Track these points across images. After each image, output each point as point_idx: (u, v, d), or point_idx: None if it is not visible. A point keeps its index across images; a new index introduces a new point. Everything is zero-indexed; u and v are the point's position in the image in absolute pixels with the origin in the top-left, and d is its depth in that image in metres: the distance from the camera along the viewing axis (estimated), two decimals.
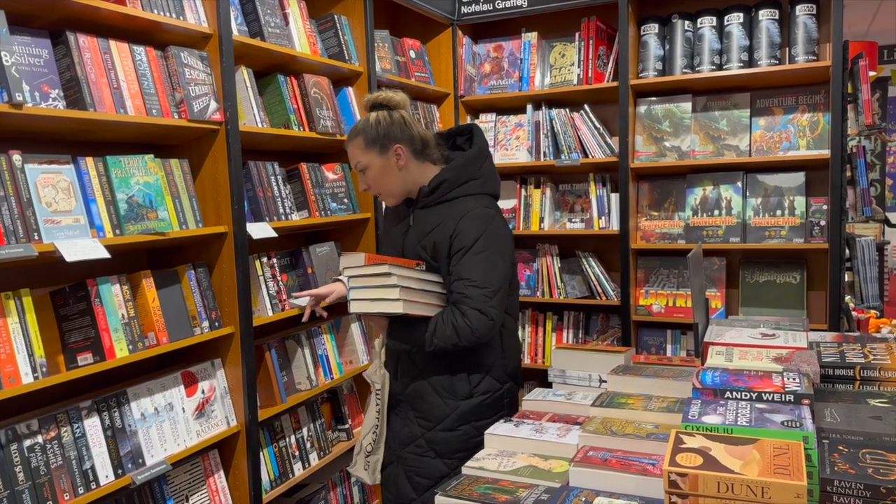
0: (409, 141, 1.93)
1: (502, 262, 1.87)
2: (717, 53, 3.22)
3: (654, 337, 3.43)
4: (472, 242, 1.84)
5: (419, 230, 1.94)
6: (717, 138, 3.29)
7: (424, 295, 1.85)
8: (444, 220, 1.89)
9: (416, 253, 1.92)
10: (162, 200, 2.09)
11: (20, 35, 1.81)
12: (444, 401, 1.92)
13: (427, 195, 1.94)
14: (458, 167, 1.94)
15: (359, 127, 1.95)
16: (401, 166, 1.93)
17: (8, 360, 1.71)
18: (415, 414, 1.97)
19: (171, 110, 2.14)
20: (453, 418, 1.92)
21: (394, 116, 1.94)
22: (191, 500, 2.26)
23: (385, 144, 1.92)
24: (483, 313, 1.81)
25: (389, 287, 1.77)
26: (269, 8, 2.56)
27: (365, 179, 1.97)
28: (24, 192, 1.76)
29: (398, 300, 1.77)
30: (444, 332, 1.82)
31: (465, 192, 1.92)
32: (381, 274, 1.78)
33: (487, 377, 1.94)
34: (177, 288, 2.17)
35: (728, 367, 1.41)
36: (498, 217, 1.93)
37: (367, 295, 1.81)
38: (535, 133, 3.59)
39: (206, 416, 2.25)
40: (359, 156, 1.95)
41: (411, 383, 1.97)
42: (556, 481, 1.32)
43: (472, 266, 1.83)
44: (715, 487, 0.99)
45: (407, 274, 1.81)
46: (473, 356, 1.92)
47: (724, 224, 3.26)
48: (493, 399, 1.95)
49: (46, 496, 1.79)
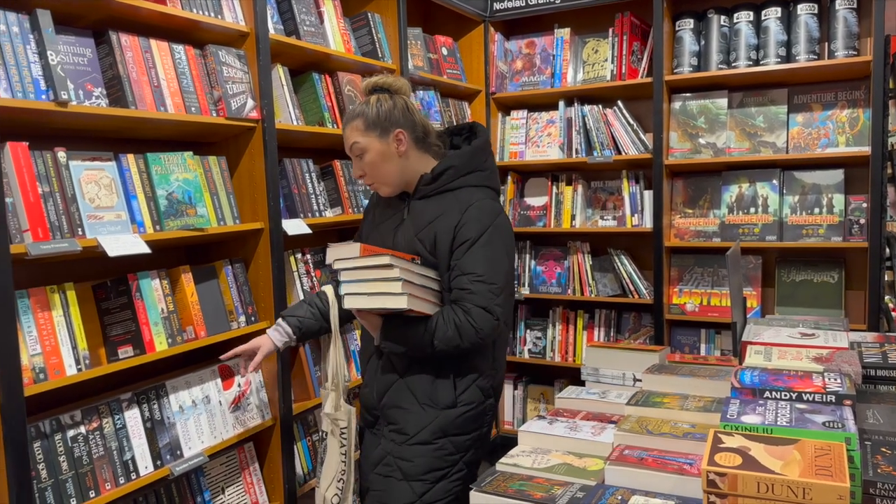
0: (412, 127, 1.79)
1: (508, 261, 1.75)
2: (754, 48, 3.17)
3: (687, 336, 3.39)
4: (478, 234, 1.69)
5: (416, 222, 1.78)
6: (753, 135, 3.24)
7: (424, 291, 1.70)
8: (447, 209, 1.74)
9: (412, 247, 1.75)
10: (200, 197, 2.13)
11: (65, 35, 1.85)
12: (423, 408, 1.75)
13: (429, 182, 1.79)
14: (465, 154, 1.81)
15: (358, 109, 1.80)
16: (401, 153, 1.78)
17: (53, 353, 1.75)
18: (389, 428, 1.80)
19: (209, 108, 2.17)
20: (431, 430, 1.74)
21: (396, 101, 1.79)
22: (226, 492, 2.30)
23: (386, 128, 1.76)
24: (489, 311, 1.67)
25: (391, 280, 1.61)
26: (305, 6, 2.59)
27: (361, 165, 1.81)
28: (68, 188, 1.80)
29: (402, 294, 1.60)
30: (444, 332, 1.66)
31: (469, 183, 1.79)
32: (382, 266, 1.62)
33: (474, 386, 1.77)
34: (214, 283, 2.20)
35: (767, 366, 1.40)
36: (503, 213, 1.80)
37: (364, 289, 1.64)
38: (567, 130, 3.57)
39: (241, 410, 2.29)
40: (357, 137, 1.78)
41: (388, 389, 1.80)
42: (591, 479, 1.32)
43: (477, 260, 1.69)
44: (755, 487, 0.99)
45: (408, 266, 1.65)
46: (463, 360, 1.76)
47: (760, 222, 3.21)
48: (475, 413, 1.78)
49: (89, 485, 1.83)
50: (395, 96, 1.80)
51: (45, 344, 1.74)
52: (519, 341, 3.79)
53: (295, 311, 2.02)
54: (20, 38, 1.72)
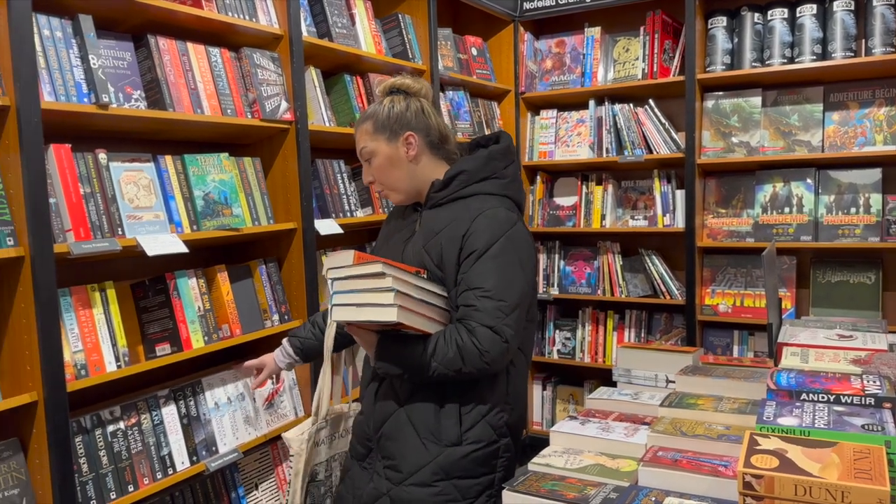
0: (425, 131, 1.65)
1: (522, 276, 1.53)
2: (789, 46, 3.13)
3: (720, 337, 3.36)
4: (487, 245, 1.51)
5: (425, 233, 1.60)
6: (787, 133, 3.20)
7: (424, 307, 1.50)
8: (457, 218, 1.56)
9: (420, 260, 1.57)
10: (236, 197, 2.16)
11: (105, 39, 1.90)
12: (423, 444, 1.53)
13: (439, 189, 1.62)
14: (479, 159, 1.63)
15: (369, 111, 1.67)
16: (410, 157, 1.63)
17: (94, 350, 1.80)
18: (384, 463, 1.58)
19: (244, 110, 2.21)
20: (431, 469, 1.52)
21: (410, 103, 1.66)
22: (260, 488, 2.33)
23: (395, 131, 1.63)
24: (496, 332, 1.46)
25: (382, 291, 1.43)
26: (337, 9, 2.61)
27: (370, 170, 1.67)
28: (109, 188, 1.84)
29: (392, 306, 1.42)
30: (445, 353, 1.46)
31: (484, 190, 1.61)
32: (373, 274, 1.44)
33: (483, 422, 1.54)
34: (249, 282, 2.24)
35: (804, 368, 1.38)
36: (521, 224, 1.60)
37: (353, 300, 1.47)
38: (598, 129, 3.55)
39: (275, 407, 2.32)
40: (365, 141, 1.65)
41: (387, 419, 1.58)
42: (624, 480, 1.32)
43: (484, 273, 1.49)
44: (792, 490, 0.98)
45: (404, 277, 1.47)
46: (471, 391, 1.54)
47: (794, 222, 3.16)
48: (485, 454, 1.54)
49: (128, 480, 1.88)
50: (410, 98, 1.67)
51: (86, 341, 1.79)
52: (548, 342, 3.78)
53: (298, 332, 1.93)
54: (63, 43, 1.77)
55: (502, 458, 1.57)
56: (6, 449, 1.68)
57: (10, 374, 1.70)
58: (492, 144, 1.69)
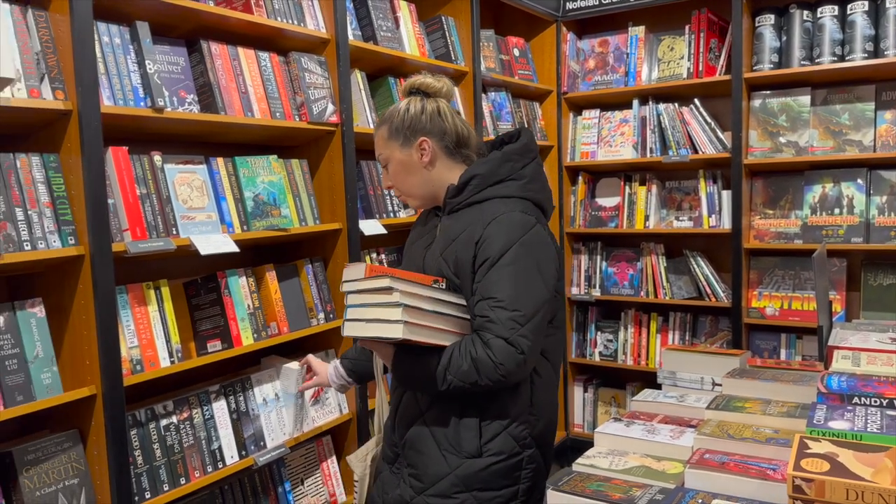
0: (440, 135, 1.59)
1: (540, 283, 1.46)
2: (839, 44, 3.06)
3: (766, 341, 3.30)
4: (500, 252, 1.45)
5: (443, 240, 1.56)
6: (838, 133, 3.13)
7: (439, 319, 1.46)
8: (472, 224, 1.51)
9: (438, 268, 1.53)
10: (284, 198, 2.21)
11: (160, 45, 1.96)
12: (443, 455, 1.50)
13: (454, 195, 1.57)
14: (492, 161, 1.56)
15: (386, 114, 1.63)
16: (425, 163, 1.58)
17: (149, 346, 1.86)
18: (409, 471, 1.56)
19: (292, 113, 2.26)
20: (451, 481, 1.48)
21: (427, 106, 1.59)
22: (305, 483, 2.38)
23: (408, 136, 1.58)
24: (511, 344, 1.40)
25: (390, 306, 1.39)
26: (382, 12, 2.65)
27: (387, 176, 1.64)
28: (163, 189, 1.91)
29: (398, 322, 1.38)
30: (460, 365, 1.42)
31: (499, 194, 1.54)
32: (382, 289, 1.40)
33: (504, 434, 1.49)
34: (296, 281, 2.29)
35: (855, 371, 1.36)
36: (540, 227, 1.52)
37: (364, 315, 1.43)
38: (642, 129, 3.52)
39: (320, 404, 2.37)
40: (380, 147, 1.62)
41: (410, 428, 1.56)
42: (669, 482, 1.32)
43: (498, 282, 1.43)
44: (843, 494, 0.97)
45: (415, 290, 1.42)
46: (492, 402, 1.49)
47: (845, 223, 3.10)
48: (507, 466, 1.49)
49: (180, 472, 1.94)
50: (427, 100, 1.61)
51: (141, 337, 1.85)
52: (589, 343, 3.77)
53: (348, 353, 1.90)
54: (122, 49, 1.83)
55: (526, 470, 1.52)
56: (67, 440, 1.75)
57: (71, 368, 1.77)
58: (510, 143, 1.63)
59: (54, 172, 1.69)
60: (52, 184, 1.68)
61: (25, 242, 1.62)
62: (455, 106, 1.68)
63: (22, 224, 1.62)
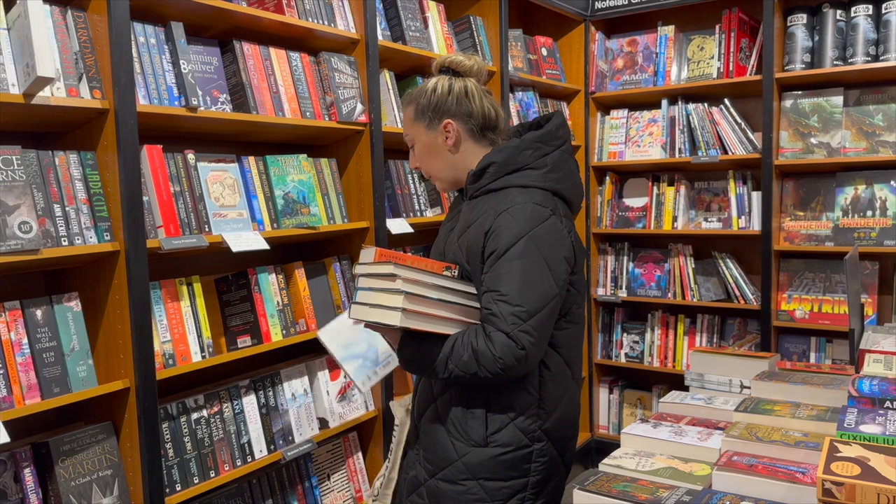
0: (466, 117, 1.55)
1: (549, 277, 1.43)
2: (873, 44, 3.02)
3: (796, 344, 3.26)
4: (507, 245, 1.42)
5: (461, 226, 1.55)
6: (871, 134, 3.08)
7: (445, 307, 1.44)
8: (485, 213, 1.48)
9: (454, 253, 1.53)
10: (313, 197, 2.24)
11: (194, 45, 2.00)
12: (452, 442, 1.50)
13: (472, 181, 1.54)
14: (511, 148, 1.51)
15: (414, 93, 1.60)
16: (449, 146, 1.56)
17: (181, 340, 1.90)
18: (424, 454, 1.57)
19: (322, 112, 2.28)
20: (458, 468, 1.49)
21: (454, 85, 1.55)
22: (331, 479, 2.40)
23: (433, 118, 1.55)
24: (512, 339, 1.38)
25: (392, 293, 1.39)
26: (411, 13, 2.66)
27: (414, 156, 1.62)
28: (196, 187, 1.94)
29: (396, 309, 1.37)
30: (461, 355, 1.41)
31: (516, 182, 1.49)
32: (386, 275, 1.40)
33: (511, 426, 1.47)
34: (324, 279, 2.31)
35: (888, 375, 1.34)
36: (555, 219, 1.47)
37: (369, 299, 1.44)
38: (670, 129, 3.50)
39: (346, 400, 2.39)
40: (407, 127, 1.60)
41: (426, 411, 1.58)
42: (697, 484, 1.31)
43: (504, 276, 1.41)
44: (875, 498, 0.96)
45: (420, 278, 1.41)
46: (497, 393, 1.48)
47: (877, 226, 3.05)
48: (515, 458, 1.48)
49: (210, 465, 1.97)
50: (456, 79, 1.56)
51: (174, 332, 1.88)
52: (615, 345, 3.75)
53: None
54: (157, 49, 1.87)
55: (536, 463, 1.50)
56: (101, 432, 1.79)
57: (105, 361, 1.81)
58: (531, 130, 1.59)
59: (91, 170, 1.74)
60: (88, 181, 1.72)
61: (63, 238, 1.66)
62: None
63: (60, 220, 1.66)
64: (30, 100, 1.58)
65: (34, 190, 1.62)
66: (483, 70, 1.61)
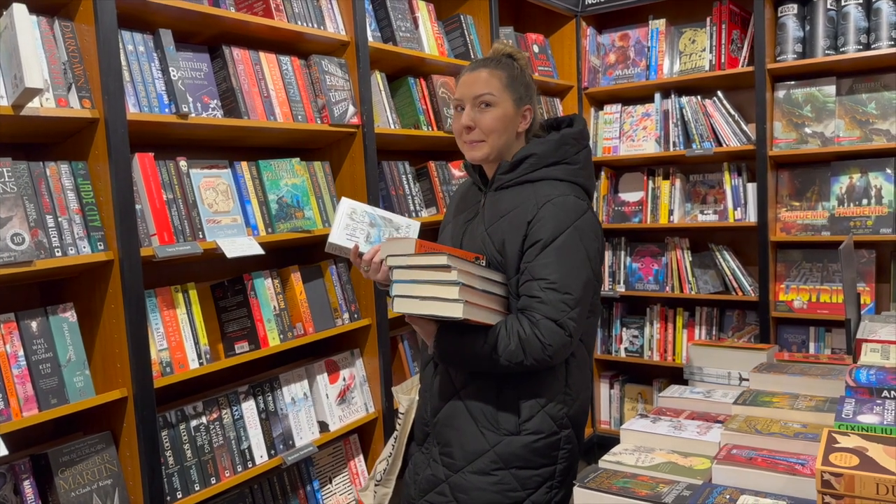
0: (535, 109, 1.61)
1: (588, 268, 1.48)
2: (865, 32, 3.01)
3: (795, 334, 3.26)
4: (554, 235, 1.45)
5: (489, 216, 1.55)
6: (864, 122, 3.08)
7: (486, 297, 1.45)
8: (523, 203, 1.50)
9: (480, 244, 1.53)
10: (307, 200, 2.23)
11: (183, 51, 1.99)
12: (482, 432, 1.50)
13: (507, 171, 1.56)
14: (550, 143, 1.56)
15: (502, 61, 1.58)
16: (520, 130, 1.59)
17: (178, 348, 1.89)
18: (440, 449, 1.55)
19: (314, 116, 2.28)
20: (490, 458, 1.49)
21: (531, 77, 1.61)
22: (333, 482, 2.40)
23: (523, 97, 1.57)
24: (560, 325, 1.42)
25: (447, 284, 1.37)
26: (400, 13, 2.66)
27: (476, 117, 1.55)
28: (189, 194, 1.93)
29: (458, 301, 1.36)
30: (507, 345, 1.42)
31: (553, 175, 1.53)
32: (438, 266, 1.38)
33: (542, 413, 1.49)
34: (320, 282, 2.31)
35: (885, 365, 1.34)
36: (591, 213, 1.53)
37: (416, 292, 1.41)
38: (664, 122, 3.50)
39: (346, 403, 2.39)
40: (494, 88, 1.53)
41: (444, 405, 1.56)
42: (697, 478, 1.31)
43: (550, 264, 1.44)
44: (874, 489, 0.96)
45: (468, 269, 1.41)
46: (528, 381, 1.50)
47: (873, 214, 3.05)
48: (546, 445, 1.50)
49: (210, 472, 1.97)
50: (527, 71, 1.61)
51: (170, 339, 1.88)
52: (615, 339, 3.75)
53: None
54: (146, 57, 1.87)
55: (563, 450, 1.53)
56: (100, 442, 1.78)
57: (102, 371, 1.81)
58: (564, 127, 1.61)
59: (83, 179, 1.73)
60: (80, 191, 1.72)
61: (56, 249, 1.66)
62: None
63: (52, 231, 1.66)
64: (19, 111, 1.57)
65: (26, 201, 1.62)
66: (528, 63, 1.65)
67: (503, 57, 1.59)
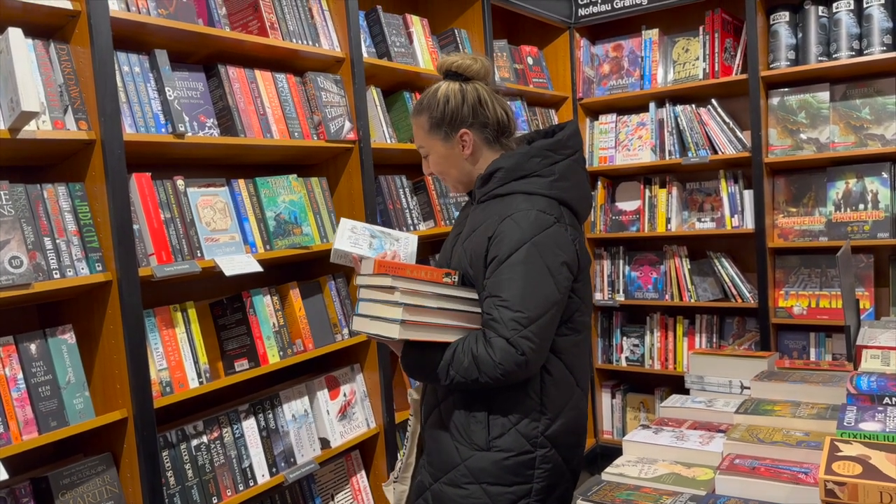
0: (482, 126, 1.55)
1: (550, 284, 1.42)
2: (857, 38, 3.03)
3: (795, 340, 3.26)
4: (510, 251, 1.42)
5: (467, 230, 1.55)
6: (859, 128, 3.09)
7: (445, 315, 1.45)
8: (489, 218, 1.49)
9: (458, 259, 1.54)
10: (305, 216, 2.23)
11: (179, 71, 2.00)
12: (455, 445, 1.50)
13: (480, 186, 1.55)
14: (520, 155, 1.51)
15: (425, 101, 1.58)
16: (466, 155, 1.56)
17: (177, 367, 1.89)
18: (426, 458, 1.58)
19: (310, 132, 2.28)
20: (461, 472, 1.49)
21: (467, 95, 1.54)
22: (336, 499, 2.39)
23: (449, 131, 1.55)
24: (512, 345, 1.38)
25: (391, 304, 1.39)
26: (395, 28, 2.67)
27: (427, 164, 1.63)
28: (187, 213, 1.94)
29: (395, 322, 1.38)
30: (461, 361, 1.41)
31: (523, 189, 1.49)
32: (384, 287, 1.41)
33: (513, 431, 1.46)
34: (319, 298, 2.31)
35: (885, 371, 1.34)
36: (559, 227, 1.46)
37: (369, 311, 1.45)
38: (659, 131, 3.51)
39: (347, 418, 2.38)
40: (420, 139, 1.60)
41: (430, 415, 1.59)
42: (700, 489, 1.31)
43: (505, 281, 1.41)
44: (877, 497, 0.96)
45: (419, 288, 1.41)
46: (498, 398, 1.48)
47: (870, 219, 3.05)
48: (518, 463, 1.46)
49: (212, 492, 1.96)
50: (467, 86, 1.54)
51: (170, 359, 1.87)
52: (615, 349, 3.75)
53: None
54: (141, 77, 1.87)
55: (540, 469, 1.48)
56: (100, 463, 1.78)
57: (102, 392, 1.80)
58: (557, 135, 1.56)
59: (80, 201, 1.73)
60: (78, 212, 1.72)
61: (54, 271, 1.66)
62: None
63: (51, 253, 1.66)
64: (15, 134, 1.58)
65: (23, 224, 1.62)
66: (489, 71, 1.60)
67: (444, 76, 1.58)
